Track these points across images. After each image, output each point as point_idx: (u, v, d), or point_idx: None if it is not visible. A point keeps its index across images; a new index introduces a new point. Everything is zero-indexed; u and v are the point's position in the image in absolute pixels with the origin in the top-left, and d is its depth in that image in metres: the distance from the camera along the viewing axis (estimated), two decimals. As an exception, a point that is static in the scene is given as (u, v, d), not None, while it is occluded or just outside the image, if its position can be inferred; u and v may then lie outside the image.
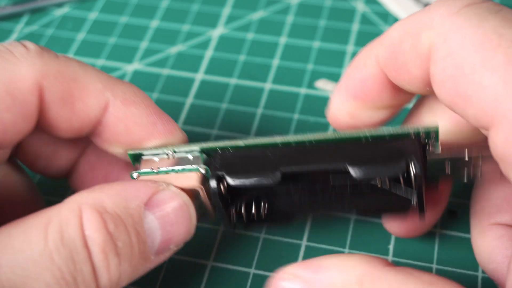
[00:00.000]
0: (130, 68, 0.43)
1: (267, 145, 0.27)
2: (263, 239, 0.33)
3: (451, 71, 0.23)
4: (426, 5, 0.44)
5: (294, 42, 0.44)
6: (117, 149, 0.28)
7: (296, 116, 0.39)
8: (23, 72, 0.25)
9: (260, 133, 0.38)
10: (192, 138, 0.30)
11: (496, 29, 0.22)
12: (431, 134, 0.26)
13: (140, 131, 0.27)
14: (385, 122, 0.29)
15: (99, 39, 0.45)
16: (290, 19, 0.45)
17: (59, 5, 0.47)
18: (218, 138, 0.38)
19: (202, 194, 0.27)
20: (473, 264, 0.31)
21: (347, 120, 0.28)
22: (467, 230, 0.33)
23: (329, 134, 0.26)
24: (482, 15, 0.22)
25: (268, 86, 0.41)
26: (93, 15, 0.46)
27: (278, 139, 0.27)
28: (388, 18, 0.45)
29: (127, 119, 0.27)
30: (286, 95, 0.40)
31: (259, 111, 0.40)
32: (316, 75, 0.42)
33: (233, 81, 0.42)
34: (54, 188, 0.35)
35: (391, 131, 0.26)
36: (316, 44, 0.44)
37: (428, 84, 0.25)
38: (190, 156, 0.27)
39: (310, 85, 0.41)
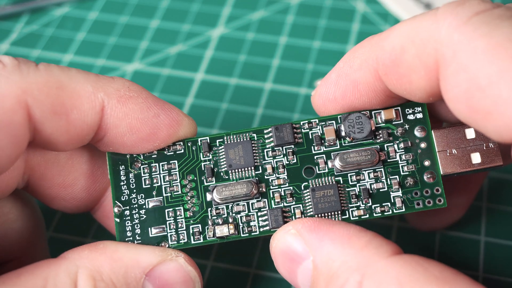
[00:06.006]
0: (130, 68, 0.43)
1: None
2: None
3: (465, 86, 0.21)
4: (426, 5, 0.44)
5: (294, 42, 0.44)
6: (126, 151, 0.27)
7: (296, 116, 0.39)
8: (2, 91, 0.23)
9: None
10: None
11: (511, 37, 0.20)
12: None
13: (145, 126, 0.26)
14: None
15: (99, 39, 0.45)
16: (290, 19, 0.45)
17: (59, 5, 0.47)
18: (218, 138, 0.38)
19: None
20: (474, 264, 0.31)
21: (330, 111, 0.27)
22: (467, 230, 0.33)
23: None
24: (493, 23, 0.21)
25: (268, 86, 0.41)
26: (93, 15, 0.46)
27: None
28: (388, 18, 0.45)
29: (128, 117, 0.25)
30: (286, 95, 0.40)
31: (259, 111, 0.40)
32: (316, 75, 0.41)
33: (233, 81, 0.42)
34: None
35: None
36: (316, 44, 0.44)
37: (433, 95, 0.24)
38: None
39: (310, 85, 0.41)
